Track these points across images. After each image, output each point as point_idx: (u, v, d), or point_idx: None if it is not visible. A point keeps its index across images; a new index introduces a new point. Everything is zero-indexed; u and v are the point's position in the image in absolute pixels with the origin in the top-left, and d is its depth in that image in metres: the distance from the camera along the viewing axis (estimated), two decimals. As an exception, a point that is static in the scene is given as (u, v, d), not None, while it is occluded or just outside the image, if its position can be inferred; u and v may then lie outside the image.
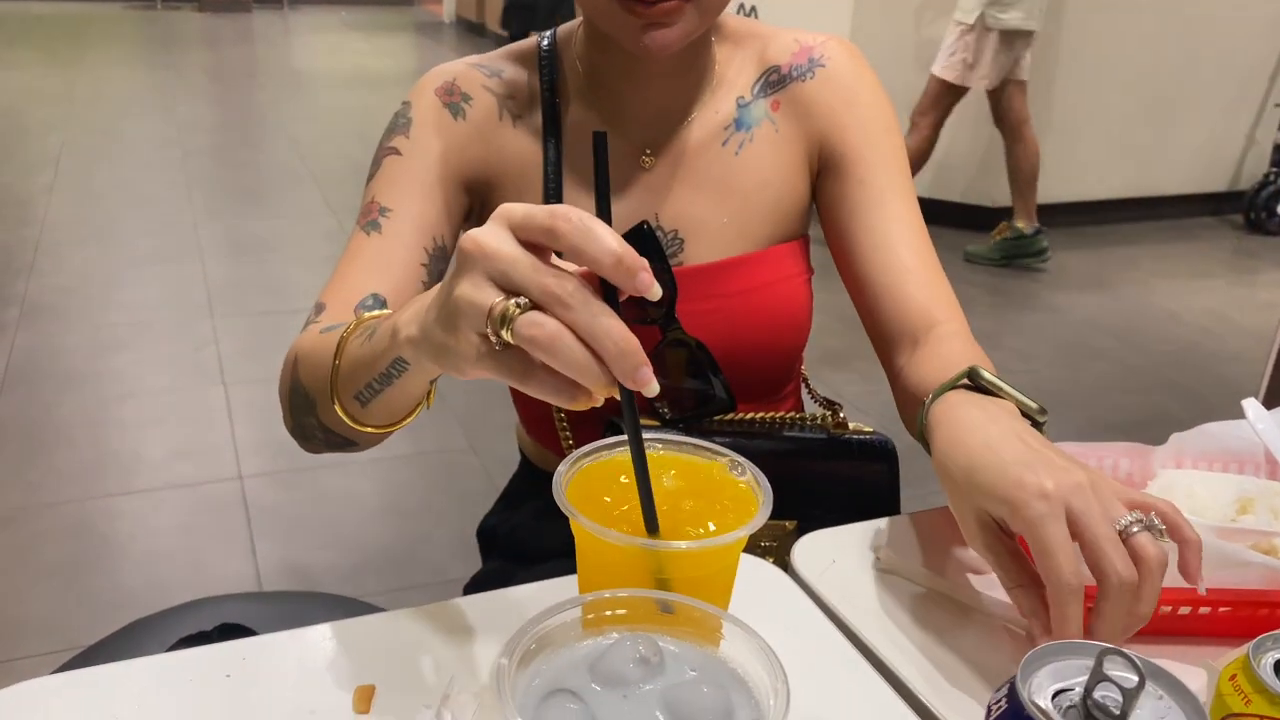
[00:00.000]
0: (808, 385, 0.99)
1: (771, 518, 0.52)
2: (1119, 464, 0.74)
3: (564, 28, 0.89)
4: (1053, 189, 4.27)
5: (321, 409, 0.68)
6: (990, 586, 0.65)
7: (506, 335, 0.45)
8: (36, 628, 1.78)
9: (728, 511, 0.53)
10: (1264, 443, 0.73)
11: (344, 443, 0.71)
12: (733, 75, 0.88)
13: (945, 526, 0.72)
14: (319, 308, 0.81)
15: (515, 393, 0.95)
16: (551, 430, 0.91)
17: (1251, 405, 0.76)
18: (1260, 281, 4.02)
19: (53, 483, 2.21)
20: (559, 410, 0.89)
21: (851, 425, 0.89)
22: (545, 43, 0.89)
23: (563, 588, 0.66)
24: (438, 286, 0.50)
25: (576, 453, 0.55)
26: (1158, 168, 4.54)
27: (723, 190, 0.86)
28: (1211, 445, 0.74)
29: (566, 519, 0.51)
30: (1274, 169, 4.53)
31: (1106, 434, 2.67)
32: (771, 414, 0.88)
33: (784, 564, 0.72)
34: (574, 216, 0.45)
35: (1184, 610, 0.60)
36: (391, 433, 0.66)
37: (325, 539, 2.10)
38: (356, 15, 9.90)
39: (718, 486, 0.55)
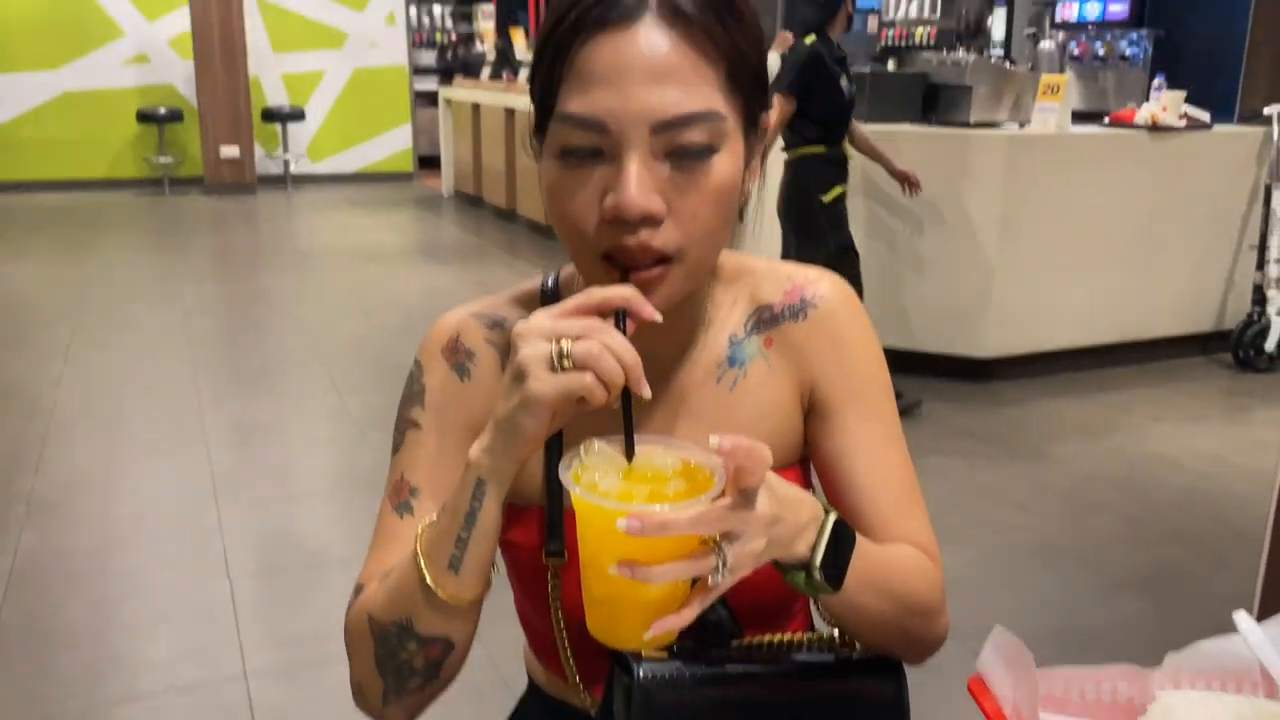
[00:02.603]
0: (816, 602, 1.00)
1: None
2: (1117, 688, 0.75)
3: (567, 270, 0.93)
4: (1039, 338, 4.36)
5: (418, 619, 0.77)
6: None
7: (566, 363, 0.66)
8: None
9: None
10: (1258, 658, 0.74)
11: (442, 658, 0.79)
12: (724, 314, 0.90)
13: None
14: (359, 589, 0.85)
15: (525, 618, 0.97)
16: (558, 659, 0.92)
17: (1243, 619, 0.77)
18: (1255, 420, 4.06)
19: (56, 692, 2.18)
20: (564, 639, 0.90)
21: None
22: (549, 283, 0.94)
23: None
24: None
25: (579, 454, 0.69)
26: (1142, 311, 4.64)
27: (720, 425, 0.89)
28: (1208, 664, 0.76)
29: None
30: (1256, 308, 4.63)
31: (1116, 591, 2.66)
32: (779, 637, 0.89)
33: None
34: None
35: None
36: (482, 599, 0.78)
37: (331, 741, 2.06)
38: (358, 192, 10.28)
39: (700, 486, 0.66)
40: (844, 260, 3.79)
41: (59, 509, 3.05)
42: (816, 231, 3.82)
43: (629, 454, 0.69)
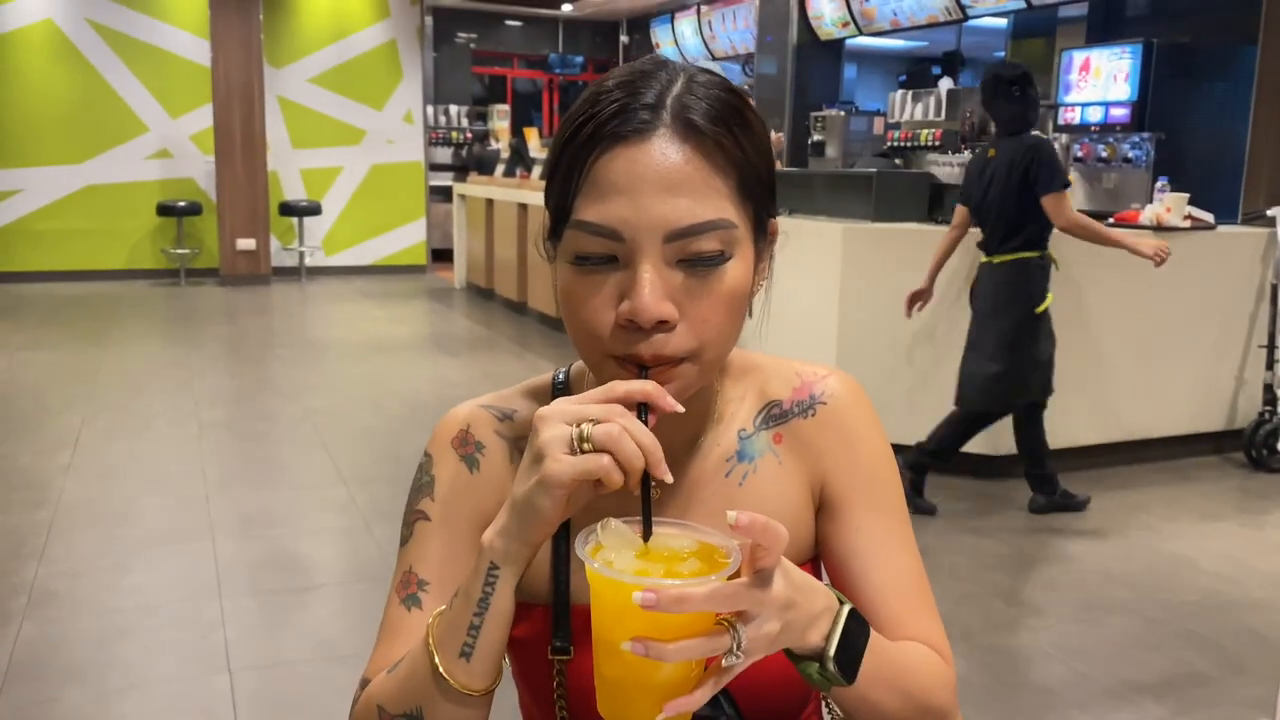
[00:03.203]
0: (827, 704, 0.98)
1: None
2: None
3: (578, 365, 0.94)
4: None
5: (430, 710, 0.76)
6: None
7: (586, 447, 0.67)
8: None
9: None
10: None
11: None
12: (734, 409, 0.91)
13: None
14: (364, 683, 0.84)
15: (527, 714, 0.95)
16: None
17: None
18: (1271, 522, 4.01)
19: (47, 790, 2.13)
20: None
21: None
22: (559, 378, 0.95)
23: None
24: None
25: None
26: (1153, 410, 4.63)
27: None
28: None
29: None
30: (1267, 408, 4.62)
31: (1135, 695, 2.60)
32: (789, 741, 0.88)
33: None
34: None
35: None
36: (494, 689, 0.77)
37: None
38: (371, 284, 10.42)
39: (715, 567, 0.67)
40: (1046, 370, 3.77)
41: (61, 599, 3.02)
42: (1029, 341, 3.73)
43: (646, 534, 0.69)
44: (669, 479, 0.67)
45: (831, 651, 0.71)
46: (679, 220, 0.74)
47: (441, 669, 0.74)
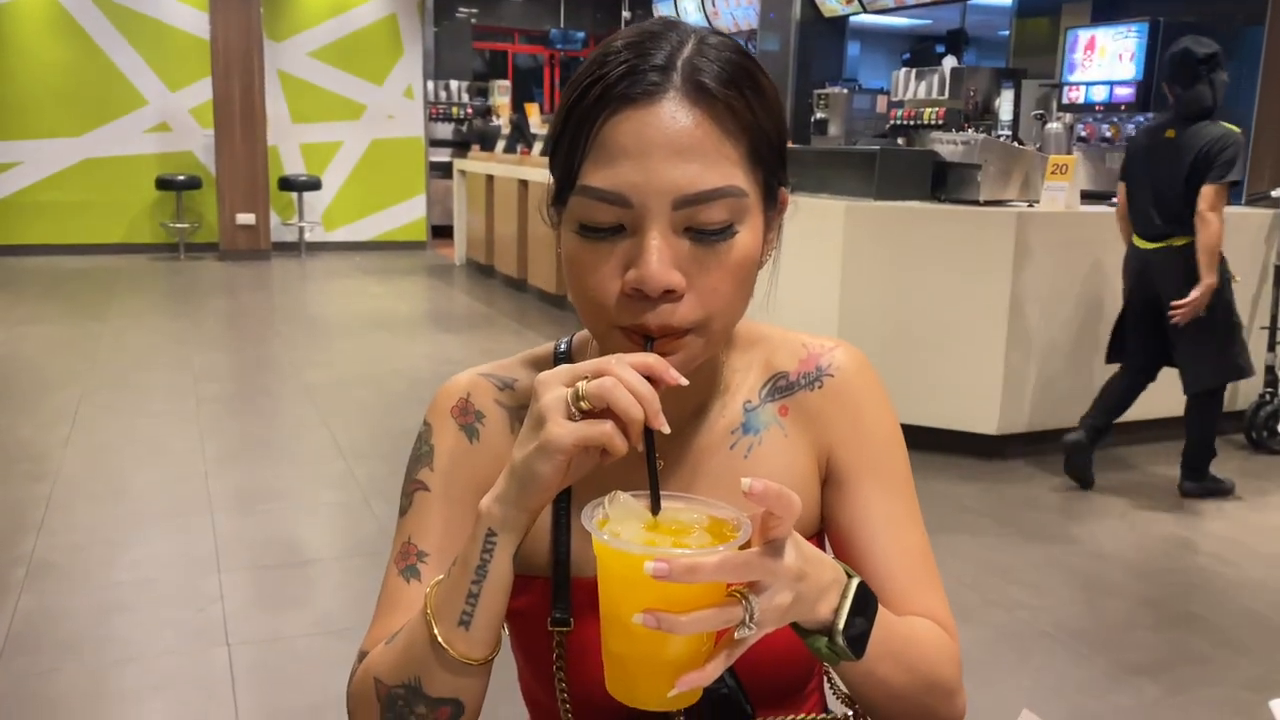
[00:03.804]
0: (830, 680, 0.97)
1: None
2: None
3: (581, 334, 0.93)
4: (1050, 415, 4.34)
5: (428, 680, 0.74)
6: None
7: (583, 404, 0.66)
8: None
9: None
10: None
11: None
12: (739, 380, 0.90)
13: None
14: (362, 655, 0.83)
15: (529, 694, 0.95)
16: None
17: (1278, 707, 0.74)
18: (1271, 504, 4.00)
19: (46, 761, 2.13)
20: (569, 716, 0.88)
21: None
22: (561, 348, 0.94)
23: None
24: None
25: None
26: (1154, 390, 4.60)
27: (736, 493, 0.88)
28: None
29: None
30: (1268, 389, 4.61)
31: (1131, 675, 2.60)
32: (792, 718, 0.87)
33: None
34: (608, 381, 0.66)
35: None
36: (492, 658, 0.75)
37: (326, 818, 2.00)
38: (371, 260, 10.38)
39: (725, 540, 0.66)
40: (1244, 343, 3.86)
41: (59, 572, 3.02)
42: (1229, 313, 3.81)
43: (654, 507, 0.68)
44: (666, 429, 0.66)
45: (841, 625, 0.70)
46: (689, 186, 0.72)
47: (440, 638, 0.73)
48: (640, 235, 0.73)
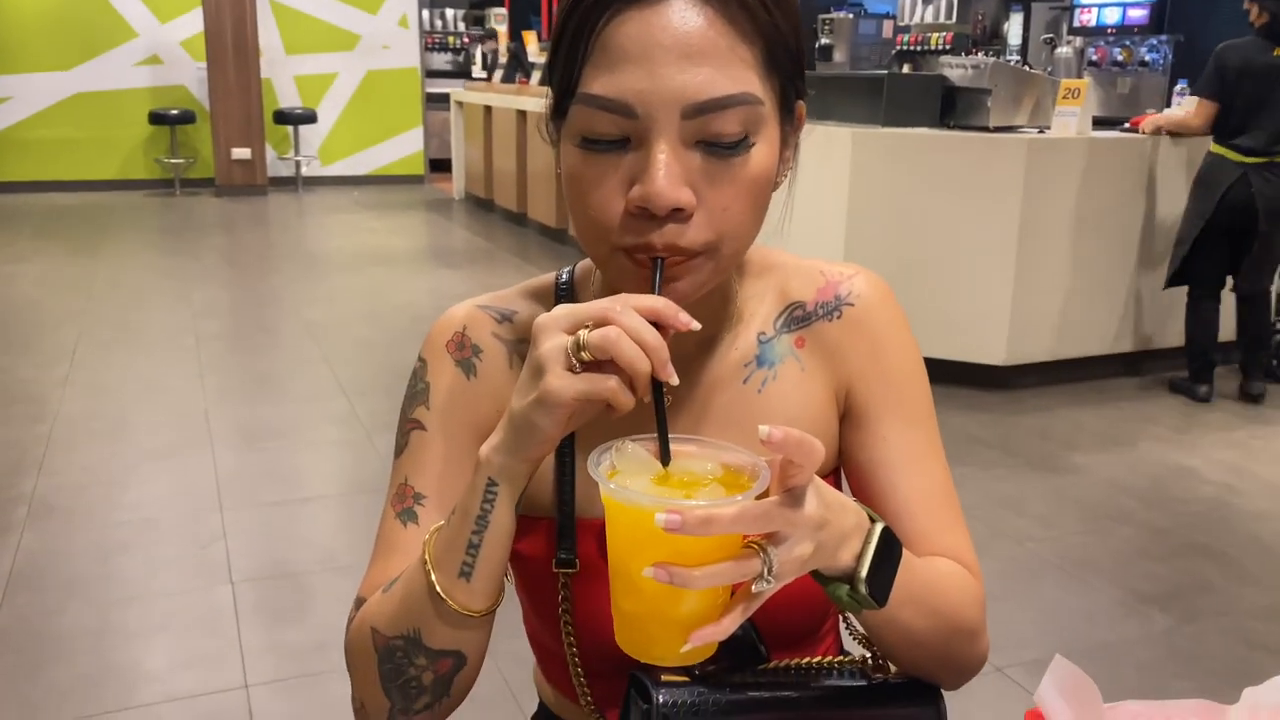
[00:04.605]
0: (846, 621, 0.94)
1: None
2: (1186, 725, 0.69)
3: (584, 264, 0.88)
4: (1059, 345, 4.29)
5: (428, 631, 0.71)
6: None
7: (584, 355, 0.60)
8: None
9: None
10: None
11: (453, 673, 0.74)
12: (752, 310, 0.85)
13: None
14: (359, 602, 0.79)
15: (534, 636, 0.91)
16: (568, 679, 0.87)
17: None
18: (1278, 432, 3.98)
19: (52, 701, 2.13)
20: (575, 658, 0.84)
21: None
22: (563, 279, 0.88)
23: None
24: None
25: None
26: (1163, 319, 4.56)
27: (748, 430, 0.83)
28: (1284, 699, 0.69)
29: None
30: (1278, 318, 4.55)
31: (1140, 604, 2.59)
32: (807, 660, 0.83)
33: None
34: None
35: None
36: (495, 609, 0.72)
37: (333, 754, 2.00)
38: (368, 195, 10.26)
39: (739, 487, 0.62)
40: None
41: (61, 512, 3.00)
42: None
43: (664, 458, 0.63)
44: (675, 381, 0.61)
45: (864, 573, 0.66)
46: (699, 92, 0.66)
47: (440, 589, 0.69)
48: (646, 148, 0.67)
